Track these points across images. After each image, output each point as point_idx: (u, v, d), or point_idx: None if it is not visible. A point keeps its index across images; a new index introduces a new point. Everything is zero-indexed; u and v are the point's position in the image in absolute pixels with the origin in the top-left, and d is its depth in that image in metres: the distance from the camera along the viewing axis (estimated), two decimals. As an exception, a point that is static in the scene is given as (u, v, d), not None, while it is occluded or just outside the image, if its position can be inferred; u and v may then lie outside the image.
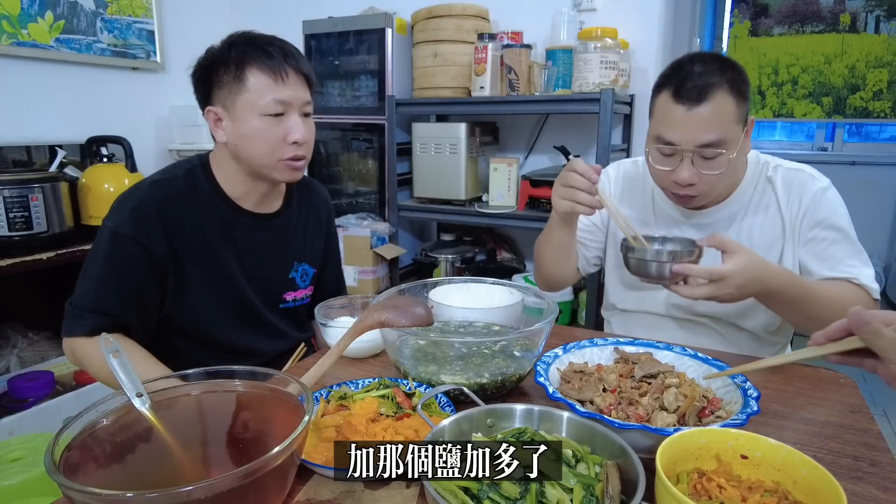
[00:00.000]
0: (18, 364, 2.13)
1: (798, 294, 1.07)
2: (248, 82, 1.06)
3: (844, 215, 1.17)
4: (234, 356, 1.20)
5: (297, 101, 1.09)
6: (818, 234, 1.16)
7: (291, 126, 1.09)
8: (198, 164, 1.17)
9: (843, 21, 4.22)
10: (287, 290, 1.27)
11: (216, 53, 1.10)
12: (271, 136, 1.08)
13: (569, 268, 1.36)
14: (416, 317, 0.88)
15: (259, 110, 1.07)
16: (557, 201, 1.15)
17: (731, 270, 0.99)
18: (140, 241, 1.05)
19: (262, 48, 1.07)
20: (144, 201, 1.08)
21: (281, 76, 1.07)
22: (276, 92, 1.07)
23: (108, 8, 2.51)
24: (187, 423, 0.69)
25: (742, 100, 1.09)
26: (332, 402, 0.85)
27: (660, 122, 1.12)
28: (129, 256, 1.06)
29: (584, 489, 0.60)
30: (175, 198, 1.10)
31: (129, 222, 1.06)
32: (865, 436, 0.83)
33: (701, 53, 1.12)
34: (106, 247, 1.06)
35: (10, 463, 1.40)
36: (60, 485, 0.50)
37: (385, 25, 2.47)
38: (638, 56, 2.39)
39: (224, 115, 1.10)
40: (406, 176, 2.61)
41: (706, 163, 1.09)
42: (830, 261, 1.15)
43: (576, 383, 0.84)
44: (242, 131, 1.08)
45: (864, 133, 4.48)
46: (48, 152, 2.23)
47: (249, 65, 1.06)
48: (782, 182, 1.20)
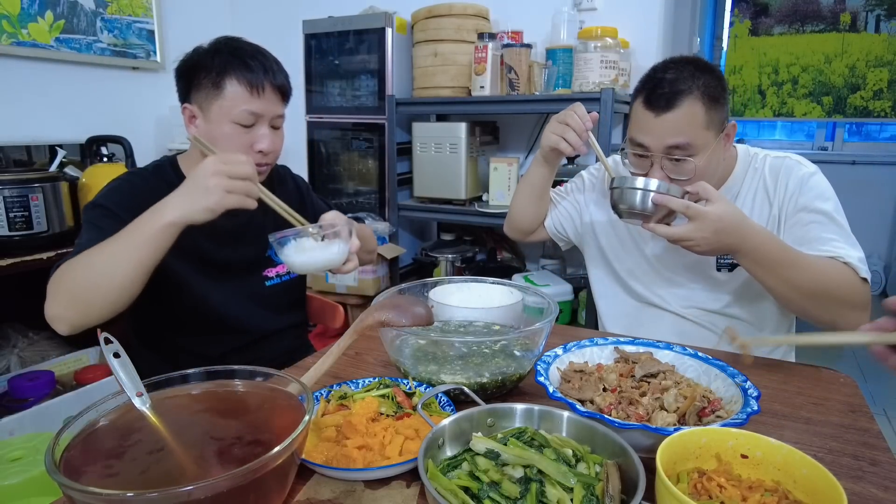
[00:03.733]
0: (19, 364, 2.13)
1: (778, 255, 1.04)
2: (226, 90, 1.11)
3: (832, 199, 1.15)
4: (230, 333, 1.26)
5: (268, 113, 1.15)
6: (803, 218, 1.15)
7: (259, 136, 1.15)
8: (166, 162, 1.24)
9: (844, 20, 4.22)
10: (267, 268, 1.32)
11: (200, 57, 1.14)
12: (238, 143, 1.13)
13: (538, 214, 1.44)
14: (417, 316, 0.88)
15: (231, 118, 1.12)
16: (547, 135, 1.24)
17: (709, 211, 1.01)
18: (115, 212, 1.09)
19: (243, 60, 1.12)
20: (121, 184, 1.17)
21: (257, 89, 1.12)
22: (250, 104, 1.12)
23: (108, 7, 2.51)
24: (188, 422, 0.69)
25: (715, 105, 1.10)
26: (333, 401, 0.85)
27: (634, 127, 1.17)
28: (105, 219, 1.08)
29: (585, 489, 0.60)
30: (147, 189, 1.14)
31: (108, 197, 1.13)
32: (865, 435, 0.83)
33: (676, 59, 1.14)
34: (89, 218, 1.10)
35: (11, 462, 1.40)
36: (61, 484, 0.50)
37: (385, 25, 2.47)
38: (638, 56, 2.39)
39: (199, 114, 1.15)
40: (406, 175, 2.61)
41: (675, 167, 1.12)
42: (816, 241, 1.11)
43: (576, 383, 0.84)
44: (213, 133, 1.13)
45: (864, 132, 4.48)
46: (48, 152, 2.23)
47: (229, 74, 1.11)
48: (769, 170, 1.21)
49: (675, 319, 1.30)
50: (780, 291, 1.09)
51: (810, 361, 1.11)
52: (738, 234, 1.02)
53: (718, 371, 0.85)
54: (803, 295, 1.07)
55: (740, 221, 1.03)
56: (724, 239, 1.02)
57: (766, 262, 1.05)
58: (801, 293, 1.07)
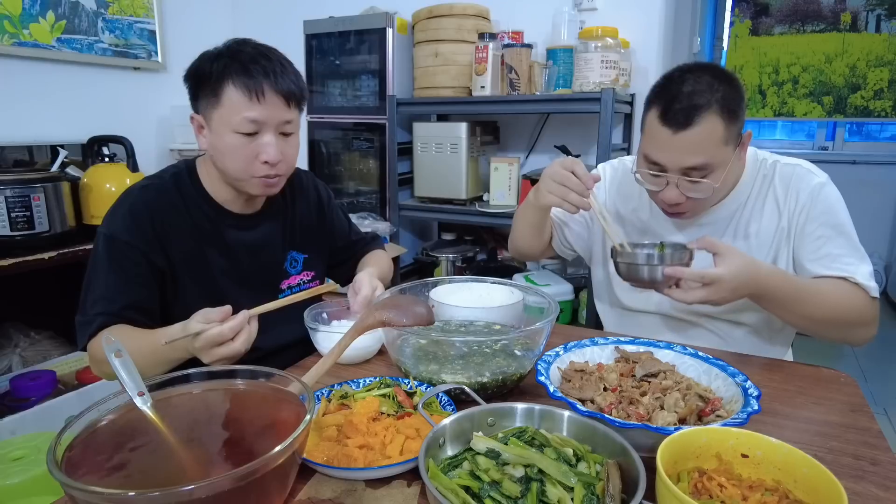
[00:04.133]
0: (20, 363, 2.13)
1: (791, 293, 1.06)
2: (223, 97, 1.05)
3: (842, 211, 1.15)
4: None
5: (271, 120, 1.07)
6: (814, 231, 1.15)
7: (264, 145, 1.07)
8: (184, 169, 1.18)
9: (844, 20, 4.21)
10: (282, 280, 1.28)
11: (203, 62, 1.09)
12: (243, 154, 1.07)
13: (539, 244, 1.41)
14: (418, 316, 0.88)
15: (232, 127, 1.05)
16: (544, 194, 1.14)
17: (723, 273, 0.99)
18: (135, 245, 1.06)
19: (243, 64, 1.05)
20: (136, 205, 1.09)
21: (256, 95, 1.04)
22: (249, 110, 1.05)
23: (110, 8, 2.51)
24: (189, 422, 0.69)
25: (733, 119, 1.06)
26: (334, 401, 0.85)
27: (648, 142, 1.12)
28: (126, 259, 1.06)
29: (585, 488, 0.60)
30: (164, 201, 1.11)
31: (123, 227, 1.07)
32: (866, 435, 0.83)
33: (693, 66, 1.09)
34: (103, 253, 1.07)
35: (13, 462, 1.40)
36: (62, 484, 0.50)
37: (386, 25, 2.47)
38: (638, 55, 2.39)
39: (204, 124, 1.10)
40: (407, 175, 2.61)
41: (691, 186, 1.09)
42: (826, 258, 1.12)
43: (577, 382, 0.84)
44: (217, 145, 1.08)
45: (864, 132, 4.47)
46: (50, 152, 2.24)
47: (226, 80, 1.05)
48: (780, 177, 1.19)
49: (677, 324, 1.30)
50: (795, 323, 1.14)
51: (810, 361, 1.12)
52: (753, 284, 1.02)
53: (719, 371, 0.85)
54: (816, 323, 1.11)
55: (754, 272, 1.01)
56: (741, 293, 1.02)
57: (781, 301, 1.07)
58: (814, 322, 1.11)
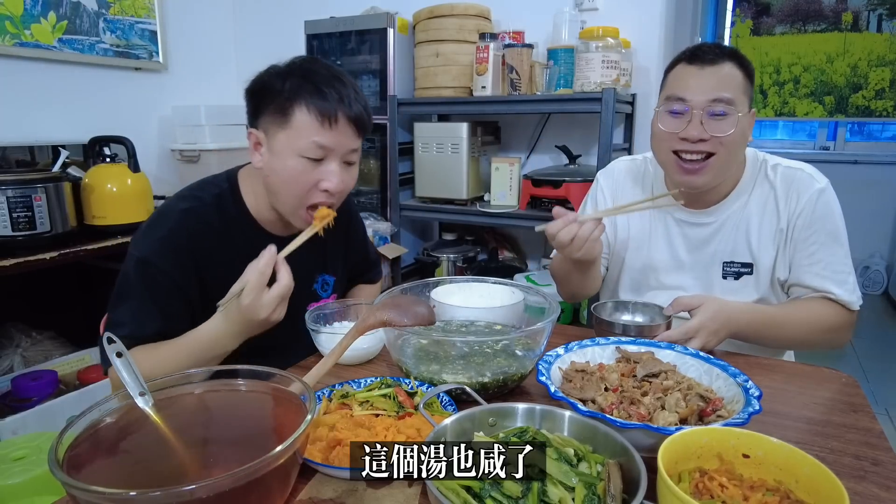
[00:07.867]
0: (22, 363, 2.14)
1: (767, 324, 1.14)
2: (294, 119, 1.00)
3: (839, 219, 1.19)
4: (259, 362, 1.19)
5: (340, 148, 1.03)
6: (810, 237, 1.18)
7: (328, 173, 1.03)
8: (227, 189, 1.13)
9: (846, 20, 4.21)
10: (310, 302, 1.24)
11: (271, 78, 1.04)
12: (304, 180, 1.03)
13: (597, 280, 1.38)
14: (418, 316, 0.88)
15: (298, 150, 1.01)
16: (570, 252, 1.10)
17: (702, 322, 1.07)
18: (169, 272, 1.02)
19: (317, 86, 1.01)
20: (175, 231, 1.05)
21: (329, 120, 1.01)
22: (320, 135, 1.01)
23: (111, 8, 2.52)
24: (190, 422, 0.69)
25: (749, 81, 1.14)
26: (335, 400, 0.85)
27: (673, 84, 1.16)
28: (158, 286, 1.02)
29: (586, 488, 0.60)
30: (205, 228, 1.07)
31: (158, 252, 1.03)
32: (867, 435, 0.83)
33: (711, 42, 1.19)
34: (135, 277, 1.03)
35: (14, 462, 1.40)
36: (64, 483, 0.51)
37: (387, 25, 2.47)
38: (639, 55, 2.38)
39: (264, 141, 1.05)
40: (408, 175, 2.61)
41: (715, 123, 1.12)
42: (818, 265, 1.18)
43: (577, 382, 0.84)
44: (276, 167, 1.03)
45: (866, 132, 4.47)
46: (51, 152, 2.24)
47: (299, 101, 1.00)
48: (781, 180, 1.21)
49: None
50: (776, 346, 1.24)
51: (812, 361, 1.12)
52: (732, 324, 1.10)
53: (720, 371, 0.85)
54: (795, 342, 1.21)
55: (728, 312, 1.10)
56: (722, 334, 1.10)
57: (759, 333, 1.14)
58: (793, 343, 1.22)
